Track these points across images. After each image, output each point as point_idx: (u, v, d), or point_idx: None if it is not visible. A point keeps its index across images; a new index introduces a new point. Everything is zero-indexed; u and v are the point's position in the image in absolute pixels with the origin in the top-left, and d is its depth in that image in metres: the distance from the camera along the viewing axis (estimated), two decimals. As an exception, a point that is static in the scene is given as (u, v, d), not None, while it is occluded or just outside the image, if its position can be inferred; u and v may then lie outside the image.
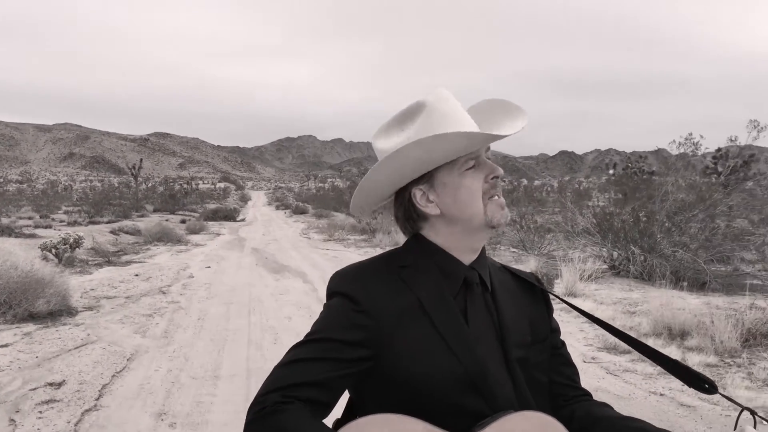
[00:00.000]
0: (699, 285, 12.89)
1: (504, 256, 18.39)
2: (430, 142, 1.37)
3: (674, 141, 20.54)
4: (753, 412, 1.44)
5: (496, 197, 1.46)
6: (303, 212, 47.78)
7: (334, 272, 1.52)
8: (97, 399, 5.85)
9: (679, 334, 8.08)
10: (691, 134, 16.50)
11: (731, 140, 17.36)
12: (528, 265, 14.18)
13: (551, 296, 1.68)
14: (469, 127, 1.44)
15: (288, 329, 8.91)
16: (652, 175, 22.51)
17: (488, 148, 1.50)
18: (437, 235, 1.50)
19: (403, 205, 1.51)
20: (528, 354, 1.50)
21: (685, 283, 12.77)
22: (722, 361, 7.22)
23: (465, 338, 1.41)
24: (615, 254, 14.63)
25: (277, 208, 59.12)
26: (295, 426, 1.28)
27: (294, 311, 10.30)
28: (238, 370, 6.88)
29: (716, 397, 6.03)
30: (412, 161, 1.41)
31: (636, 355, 7.47)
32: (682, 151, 15.93)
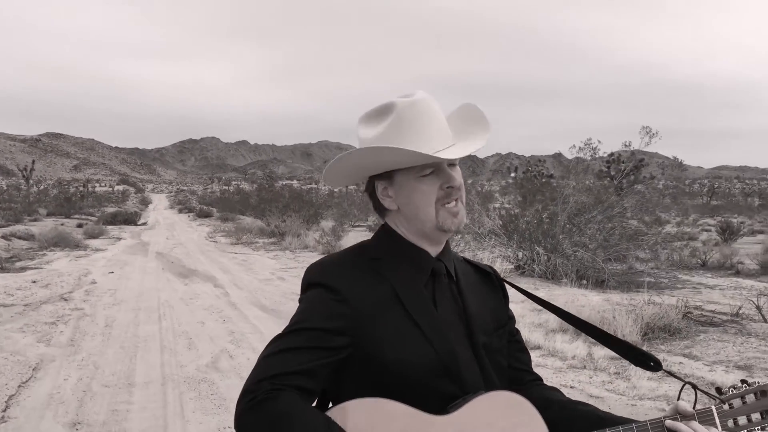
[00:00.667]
0: (599, 283, 13.55)
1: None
2: (380, 152, 1.46)
3: (574, 146, 21.49)
4: (694, 386, 1.58)
5: (451, 204, 1.52)
6: (207, 216, 46.81)
7: (309, 265, 1.58)
8: (4, 410, 5.58)
9: (584, 330, 8.46)
10: (589, 139, 17.35)
11: (626, 145, 18.34)
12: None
13: (507, 286, 1.78)
14: (425, 140, 1.48)
15: (202, 334, 8.74)
16: (550, 178, 23.35)
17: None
18: (400, 226, 1.58)
19: (371, 193, 1.60)
20: (491, 340, 1.59)
21: (586, 282, 13.41)
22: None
23: (438, 326, 1.49)
24: (520, 254, 15.14)
25: (180, 211, 57.62)
26: (293, 409, 1.33)
27: (207, 315, 10.11)
28: (153, 376, 6.70)
29: (622, 387, 6.38)
30: (368, 162, 1.51)
31: (546, 349, 7.79)
32: (581, 155, 16.73)
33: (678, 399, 1.56)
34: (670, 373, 1.69)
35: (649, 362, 1.61)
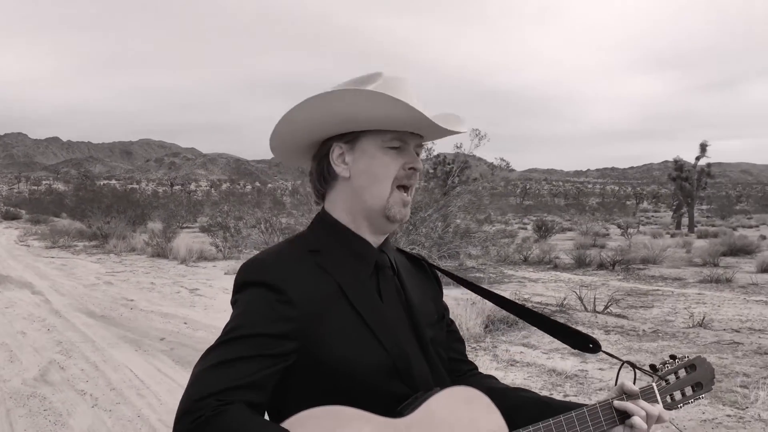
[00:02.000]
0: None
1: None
2: (370, 98, 1.33)
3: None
4: (633, 365, 1.59)
5: (404, 193, 1.43)
6: (15, 218, 43.11)
7: (245, 261, 1.39)
8: None
9: (430, 325, 8.69)
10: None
11: (457, 147, 19.09)
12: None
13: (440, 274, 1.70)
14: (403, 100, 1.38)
15: (24, 345, 7.93)
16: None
17: (420, 145, 1.48)
18: (341, 204, 1.44)
19: (319, 159, 1.46)
20: (435, 333, 1.51)
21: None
22: (470, 346, 7.90)
23: (387, 324, 1.38)
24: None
25: (-17, 213, 52.41)
26: (244, 426, 1.15)
27: (27, 325, 9.19)
28: (-31, 395, 5.95)
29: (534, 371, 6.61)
30: (344, 109, 1.36)
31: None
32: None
33: (617, 379, 1.56)
34: (609, 354, 1.69)
35: (588, 344, 1.61)
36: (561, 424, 1.44)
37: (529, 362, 7.18)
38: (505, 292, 12.07)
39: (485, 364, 6.98)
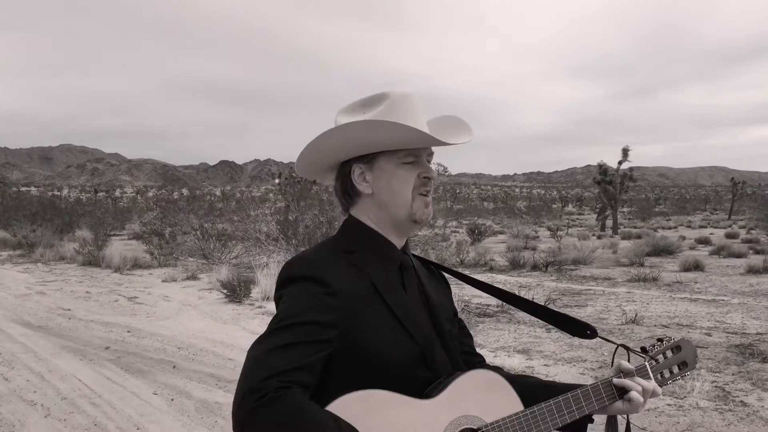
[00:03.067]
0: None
1: (189, 265, 18.00)
2: (380, 126, 1.49)
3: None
4: (627, 348, 1.77)
5: (425, 195, 1.60)
6: (-70, 226, 40.87)
7: (289, 260, 1.54)
8: None
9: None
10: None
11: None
12: (220, 274, 14.11)
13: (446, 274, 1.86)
14: (420, 127, 1.55)
15: (-39, 358, 7.65)
16: (314, 183, 23.95)
17: (431, 153, 1.64)
18: (367, 216, 1.60)
19: (342, 179, 1.62)
20: (452, 327, 1.68)
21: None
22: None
23: (415, 319, 1.54)
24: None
25: None
26: (306, 408, 1.27)
27: (-39, 337, 8.86)
28: None
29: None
30: (360, 137, 1.51)
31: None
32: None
33: (612, 360, 1.75)
34: (604, 339, 1.87)
35: (585, 331, 1.78)
36: (569, 401, 1.62)
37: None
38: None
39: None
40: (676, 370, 1.80)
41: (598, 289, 14.76)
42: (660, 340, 1.84)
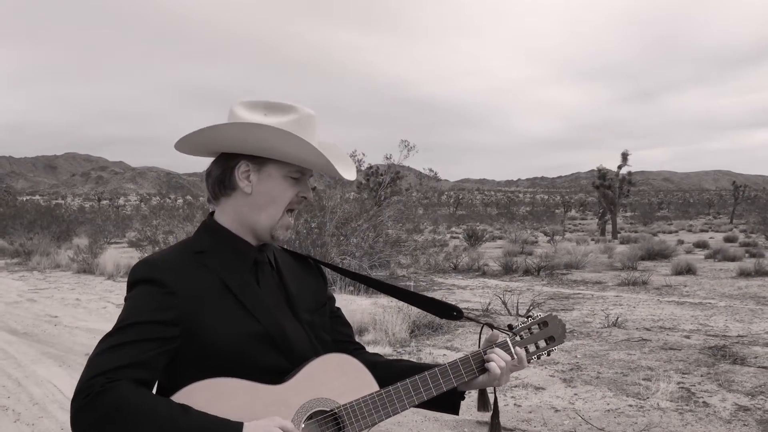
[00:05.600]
0: (366, 289, 14.21)
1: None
2: (291, 139, 1.54)
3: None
4: (491, 325, 1.85)
5: (291, 212, 1.67)
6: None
7: (135, 264, 1.59)
8: None
9: (357, 331, 8.88)
10: (354, 151, 18.12)
11: (387, 158, 19.37)
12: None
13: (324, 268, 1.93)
14: (318, 149, 1.61)
15: (-59, 364, 7.73)
16: (313, 189, 23.95)
17: (311, 175, 1.72)
18: (232, 213, 1.65)
19: (224, 168, 1.64)
20: (313, 318, 1.73)
21: (353, 288, 13.99)
22: (395, 350, 8.14)
23: (264, 305, 1.60)
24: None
25: None
26: (129, 398, 1.34)
27: (-55, 344, 8.94)
28: None
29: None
30: (267, 141, 1.56)
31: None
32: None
33: (479, 340, 1.84)
34: (470, 318, 1.94)
35: (452, 312, 1.86)
36: (426, 379, 1.68)
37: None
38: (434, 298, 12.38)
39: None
40: (543, 344, 1.89)
41: (588, 293, 14.78)
42: (528, 316, 1.92)
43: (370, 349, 6.28)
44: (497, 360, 1.73)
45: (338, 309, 1.91)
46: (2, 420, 5.66)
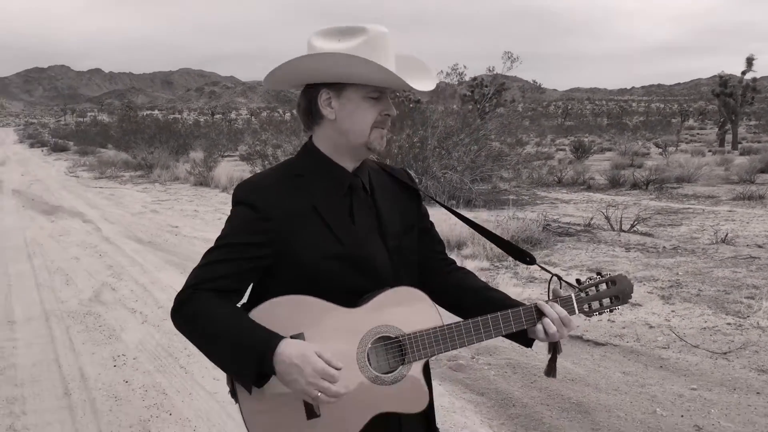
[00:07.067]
0: (467, 203, 14.33)
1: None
2: (358, 63, 1.62)
3: (441, 71, 22.02)
4: (559, 278, 1.92)
5: (383, 129, 1.75)
6: (64, 149, 44.21)
7: (239, 183, 1.77)
8: None
9: (456, 245, 9.09)
10: (456, 65, 17.89)
11: (489, 70, 19.00)
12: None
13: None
14: (391, 67, 1.67)
15: (78, 270, 8.58)
16: (418, 103, 23.83)
17: (393, 90, 1.79)
18: (326, 139, 1.76)
19: (308, 99, 1.75)
20: (401, 242, 1.83)
21: (455, 202, 14.13)
22: (493, 265, 8.30)
23: (351, 231, 1.73)
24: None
25: (32, 146, 53.91)
26: (203, 307, 1.62)
27: (80, 252, 9.87)
28: (33, 313, 6.60)
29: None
30: (339, 68, 1.66)
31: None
32: (448, 80, 17.23)
33: (548, 290, 1.89)
34: (542, 267, 2.03)
35: (526, 258, 1.96)
36: (487, 322, 1.77)
37: (547, 279, 7.51)
38: (534, 213, 12.37)
39: (505, 282, 7.39)
40: (607, 302, 1.91)
41: (698, 207, 14.30)
42: (599, 273, 1.95)
43: (468, 263, 6.50)
44: (552, 313, 1.77)
45: (431, 226, 2.00)
46: (132, 321, 6.29)
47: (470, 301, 1.90)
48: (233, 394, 1.66)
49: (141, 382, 4.79)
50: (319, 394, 1.53)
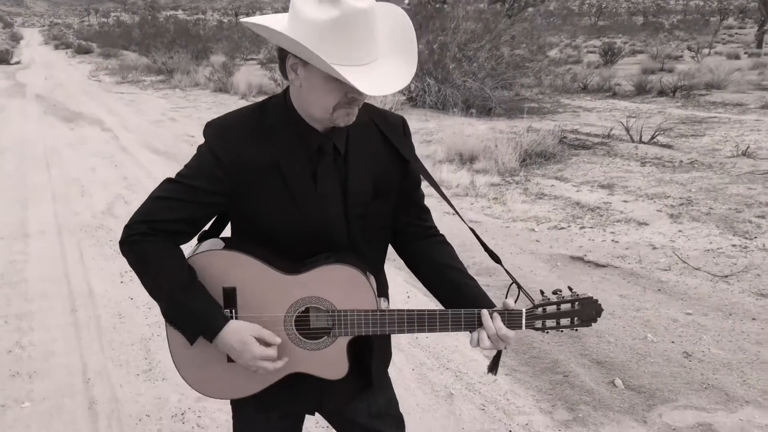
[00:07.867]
0: (486, 111, 14.08)
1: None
2: (302, 50, 1.48)
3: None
4: (519, 286, 1.84)
5: (350, 107, 1.59)
6: (87, 52, 43.90)
7: (208, 121, 1.70)
8: None
9: (468, 159, 9.00)
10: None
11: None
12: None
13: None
14: (355, 52, 1.49)
15: (94, 181, 8.71)
16: (444, 4, 23.08)
17: None
18: (296, 98, 1.67)
19: (280, 56, 1.62)
20: (367, 211, 1.75)
21: (474, 111, 13.90)
22: (504, 180, 8.24)
23: (309, 195, 1.68)
24: (412, 86, 15.29)
25: (57, 47, 53.58)
26: (155, 255, 1.64)
27: (97, 162, 9.98)
28: (47, 226, 6.76)
29: (498, 211, 6.93)
30: (289, 48, 1.54)
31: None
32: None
33: (506, 296, 1.78)
34: (507, 272, 1.87)
35: (494, 256, 1.90)
36: (423, 317, 1.72)
37: (556, 195, 7.49)
38: (553, 123, 12.14)
39: (514, 198, 7.34)
40: (565, 322, 1.78)
41: (725, 116, 13.89)
42: (570, 288, 1.83)
43: (479, 178, 6.41)
44: (490, 328, 1.71)
45: (417, 187, 1.89)
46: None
47: (430, 276, 1.86)
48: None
49: (145, 299, 4.92)
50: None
